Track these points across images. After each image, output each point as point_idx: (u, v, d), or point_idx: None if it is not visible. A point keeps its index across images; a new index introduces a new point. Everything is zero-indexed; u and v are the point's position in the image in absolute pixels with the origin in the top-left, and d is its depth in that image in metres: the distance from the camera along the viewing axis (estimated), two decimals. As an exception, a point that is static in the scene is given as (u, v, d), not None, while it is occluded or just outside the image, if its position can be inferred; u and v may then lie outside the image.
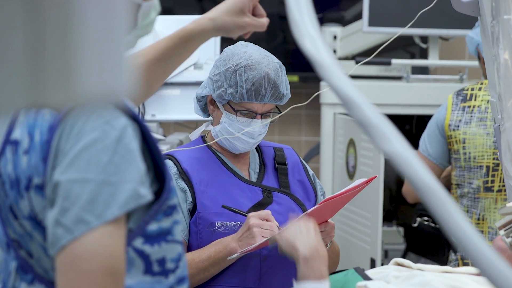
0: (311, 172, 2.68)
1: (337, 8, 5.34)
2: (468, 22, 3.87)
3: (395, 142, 1.08)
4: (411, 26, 4.40)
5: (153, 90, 1.95)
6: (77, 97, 0.48)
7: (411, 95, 4.36)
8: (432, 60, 4.61)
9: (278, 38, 5.11)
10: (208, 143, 2.61)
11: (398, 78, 4.71)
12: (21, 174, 1.40)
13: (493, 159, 3.37)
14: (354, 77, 4.42)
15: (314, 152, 5.00)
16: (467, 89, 3.47)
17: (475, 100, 3.42)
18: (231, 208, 2.48)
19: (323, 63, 1.13)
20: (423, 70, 4.94)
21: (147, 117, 3.53)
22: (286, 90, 2.58)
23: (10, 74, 0.47)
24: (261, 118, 2.55)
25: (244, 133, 2.53)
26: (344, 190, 2.41)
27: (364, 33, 4.54)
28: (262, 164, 2.63)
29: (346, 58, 4.83)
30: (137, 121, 1.43)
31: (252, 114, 2.53)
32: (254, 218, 2.40)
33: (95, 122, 1.37)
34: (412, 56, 5.19)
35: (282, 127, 5.57)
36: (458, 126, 3.41)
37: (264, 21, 1.95)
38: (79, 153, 1.36)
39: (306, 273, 2.03)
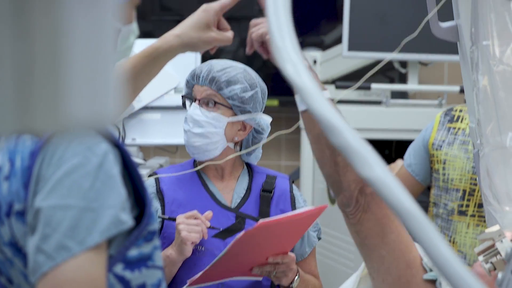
0: (300, 204, 2.63)
1: (316, 33, 5.36)
2: (447, 47, 3.89)
3: (376, 167, 1.09)
4: (389, 51, 4.43)
5: (123, 109, 1.96)
6: (65, 123, 0.48)
7: (391, 120, 4.38)
8: (411, 85, 4.64)
9: (258, 62, 5.12)
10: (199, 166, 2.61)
11: (378, 102, 4.73)
12: (1, 200, 1.40)
13: (470, 184, 3.38)
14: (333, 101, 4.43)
15: (294, 177, 5.00)
16: (456, 110, 3.49)
17: (461, 122, 3.44)
18: (163, 217, 2.47)
19: (305, 88, 1.13)
20: (403, 95, 4.97)
21: (128, 141, 3.53)
22: (224, 77, 2.55)
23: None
24: (199, 104, 2.53)
25: (185, 121, 2.54)
26: (283, 216, 2.36)
27: (344, 58, 4.56)
28: (249, 189, 2.61)
29: (326, 82, 4.85)
30: (118, 146, 1.43)
31: (194, 100, 2.55)
32: (179, 218, 2.40)
33: (76, 148, 1.37)
34: (392, 81, 5.22)
35: (262, 151, 5.57)
36: (441, 146, 3.43)
37: (229, 34, 1.97)
38: (60, 179, 1.35)
39: None
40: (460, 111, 3.48)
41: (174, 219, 2.45)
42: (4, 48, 0.48)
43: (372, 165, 1.08)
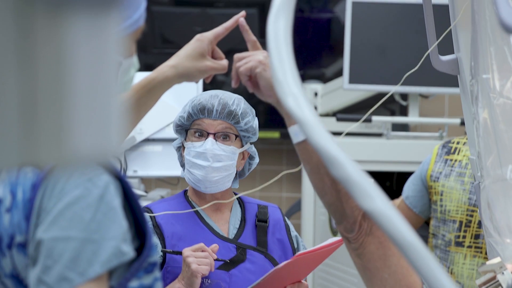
0: (294, 233, 2.65)
1: (317, 65, 5.39)
2: (448, 80, 3.91)
3: (377, 199, 1.09)
4: (390, 84, 4.44)
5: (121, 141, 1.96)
6: (69, 156, 0.48)
7: (392, 152, 4.39)
8: (412, 118, 4.65)
9: (259, 95, 5.12)
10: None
11: (379, 135, 4.74)
12: (3, 232, 1.40)
13: (467, 215, 3.42)
14: (334, 133, 4.44)
15: (295, 209, 5.00)
16: (453, 142, 3.53)
17: (457, 154, 3.48)
18: (167, 251, 2.46)
19: (306, 121, 1.14)
20: (403, 127, 4.98)
21: (129, 173, 3.53)
22: (239, 109, 2.56)
23: (2, 132, 0.47)
24: (214, 138, 2.54)
25: (198, 157, 2.52)
26: (317, 247, 2.40)
27: (344, 90, 4.58)
28: (243, 220, 2.62)
29: (327, 115, 4.86)
30: (119, 178, 1.43)
31: (204, 134, 2.54)
32: (187, 251, 2.40)
33: (77, 180, 1.37)
34: (392, 113, 5.23)
35: (263, 183, 5.56)
36: (438, 178, 3.48)
37: (224, 63, 1.97)
38: (61, 211, 1.35)
39: None
40: (457, 143, 3.51)
41: (179, 253, 2.44)
42: (8, 81, 0.49)
43: (373, 198, 1.09)
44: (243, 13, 2.01)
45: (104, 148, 0.50)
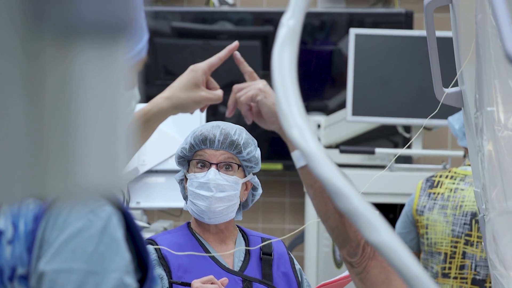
0: (298, 266, 2.65)
1: (320, 97, 5.39)
2: (451, 112, 3.91)
3: (383, 232, 1.08)
4: (393, 116, 4.45)
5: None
6: (76, 189, 0.48)
7: (395, 184, 4.38)
8: (416, 150, 4.65)
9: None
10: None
11: (382, 167, 4.73)
12: (4, 264, 1.39)
13: (451, 246, 3.48)
14: (337, 165, 4.43)
15: (298, 241, 4.98)
16: (436, 176, 3.62)
17: (440, 187, 3.57)
18: (176, 282, 2.45)
19: (311, 153, 1.13)
20: (407, 159, 4.97)
21: (132, 204, 3.52)
22: (241, 139, 2.55)
23: (9, 164, 0.47)
24: (217, 168, 2.53)
25: (201, 187, 2.52)
26: (338, 278, 2.41)
27: (348, 122, 4.58)
28: (248, 252, 2.61)
29: (330, 147, 4.86)
30: (122, 209, 1.43)
31: (206, 165, 2.53)
32: (196, 283, 2.39)
33: (80, 211, 1.36)
34: (396, 146, 5.23)
35: (266, 215, 5.56)
36: (423, 212, 3.57)
37: (219, 93, 1.96)
38: (64, 242, 1.35)
39: None
40: (440, 176, 3.60)
41: (188, 284, 2.43)
42: (14, 110, 0.48)
43: (379, 230, 1.08)
44: (236, 43, 2.01)
45: (111, 180, 0.50)
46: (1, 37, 0.47)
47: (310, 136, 1.14)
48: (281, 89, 1.20)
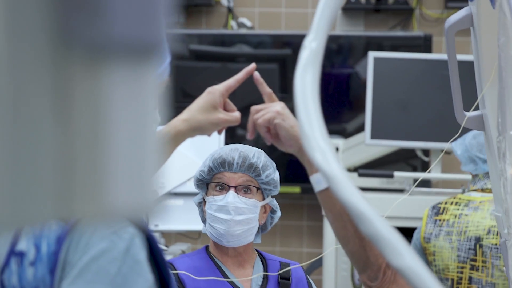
0: None
1: (338, 120, 5.39)
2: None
3: (407, 256, 1.08)
4: (412, 139, 4.43)
5: None
6: (105, 212, 0.47)
7: (414, 208, 4.36)
8: (435, 174, 4.63)
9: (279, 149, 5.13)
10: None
11: (400, 190, 4.71)
12: (26, 286, 1.39)
13: (457, 272, 3.48)
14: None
15: (316, 264, 4.96)
16: (442, 203, 3.63)
17: (445, 214, 3.58)
18: None
19: (334, 176, 1.13)
20: (425, 183, 4.95)
21: (150, 227, 3.52)
22: (259, 162, 2.55)
23: (38, 185, 0.47)
24: (236, 191, 2.52)
25: (220, 210, 2.51)
26: None
27: (366, 146, 4.56)
28: (266, 277, 2.60)
29: (348, 170, 4.84)
30: (144, 230, 1.42)
31: (225, 188, 2.53)
32: None
33: (103, 233, 1.36)
34: (414, 169, 5.21)
35: (284, 238, 5.54)
36: (430, 239, 3.58)
37: (237, 115, 1.95)
38: (87, 264, 1.34)
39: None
40: (445, 203, 3.61)
41: None
42: (44, 132, 0.48)
43: (403, 254, 1.08)
44: (253, 65, 2.01)
45: (140, 202, 0.49)
46: (31, 56, 0.47)
47: (333, 159, 1.14)
48: (304, 112, 1.19)
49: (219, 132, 1.99)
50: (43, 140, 0.48)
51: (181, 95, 5.29)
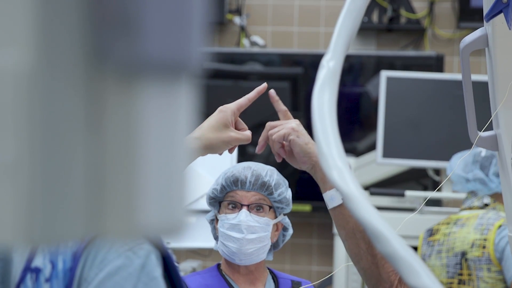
0: None
1: (350, 139, 5.39)
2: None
3: (424, 276, 1.08)
4: (423, 158, 4.43)
5: None
6: (137, 229, 0.48)
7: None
8: (446, 193, 4.62)
9: (290, 167, 5.14)
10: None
11: (411, 209, 4.71)
12: (42, 303, 1.39)
13: None
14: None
15: (326, 283, 4.95)
16: (436, 225, 3.74)
17: (437, 234, 3.66)
18: None
19: (351, 195, 1.13)
20: (436, 202, 4.94)
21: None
22: (272, 180, 2.55)
23: (70, 203, 0.47)
24: (248, 210, 2.52)
25: (232, 229, 2.51)
26: None
27: (377, 165, 4.56)
28: (277, 295, 2.60)
29: (359, 189, 4.84)
30: (160, 247, 1.43)
31: (238, 206, 2.53)
32: None
33: (118, 249, 1.37)
34: (425, 188, 5.20)
35: (293, 256, 5.53)
36: (424, 260, 3.67)
37: (248, 133, 1.95)
38: (102, 281, 1.35)
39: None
40: (439, 224, 3.71)
41: None
42: (76, 150, 0.48)
43: (419, 273, 1.08)
44: (265, 85, 2.01)
45: (173, 221, 0.50)
46: (64, 75, 0.48)
47: (350, 178, 1.14)
48: (321, 130, 1.20)
49: (230, 151, 1.98)
50: (75, 157, 0.48)
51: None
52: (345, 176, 1.15)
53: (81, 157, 0.48)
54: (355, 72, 5.38)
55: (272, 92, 2.01)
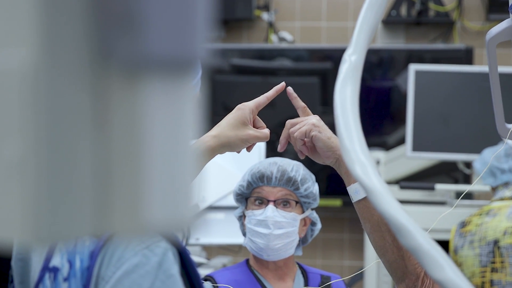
0: None
1: (380, 133, 5.37)
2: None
3: (448, 269, 1.07)
4: (453, 151, 4.41)
5: None
6: (143, 226, 0.48)
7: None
8: (477, 186, 4.59)
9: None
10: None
11: (442, 203, 4.68)
12: (60, 302, 1.40)
13: (480, 277, 3.53)
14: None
15: (357, 278, 4.94)
16: (468, 217, 3.73)
17: (469, 225, 3.65)
18: None
19: (374, 189, 1.13)
20: (467, 195, 4.91)
21: (192, 240, 3.53)
22: (298, 175, 2.54)
23: (76, 201, 0.47)
24: (275, 205, 2.52)
25: (259, 225, 2.51)
26: None
27: (407, 158, 4.54)
28: (306, 290, 2.60)
29: (389, 183, 4.83)
30: (177, 245, 1.43)
31: (264, 202, 2.53)
32: None
33: (135, 247, 1.37)
34: (456, 182, 5.17)
35: (325, 251, 5.53)
36: (456, 251, 3.65)
37: (266, 131, 1.95)
38: (120, 279, 1.35)
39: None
40: (470, 216, 3.71)
41: None
42: (82, 147, 0.49)
43: (444, 267, 1.07)
44: (283, 84, 2.00)
45: (178, 217, 0.50)
46: (69, 73, 0.48)
47: (373, 172, 1.14)
48: (343, 125, 1.19)
49: (248, 149, 1.98)
50: (81, 154, 0.49)
51: (222, 109, 5.31)
52: (368, 170, 1.14)
53: (87, 154, 0.48)
54: (385, 66, 5.36)
55: (289, 89, 2.01)
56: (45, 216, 0.46)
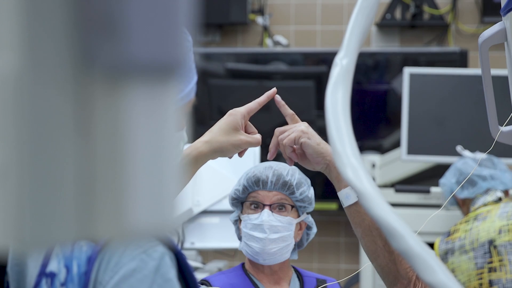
0: None
1: (375, 137, 5.38)
2: (508, 151, 3.87)
3: (439, 272, 1.07)
4: (448, 155, 4.41)
5: None
6: (127, 231, 0.48)
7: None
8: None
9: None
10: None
11: (437, 206, 4.68)
12: (58, 307, 1.40)
13: (477, 279, 3.50)
14: (393, 205, 4.40)
15: (353, 281, 4.94)
16: (453, 226, 3.70)
17: (456, 233, 3.63)
18: None
19: (365, 192, 1.13)
20: (461, 198, 4.92)
21: (187, 245, 3.53)
22: (293, 180, 2.55)
23: (60, 206, 0.48)
24: (270, 209, 2.53)
25: (255, 229, 2.51)
26: None
27: (403, 162, 4.55)
28: (302, 294, 2.60)
29: (385, 186, 4.83)
30: (174, 249, 1.43)
31: (260, 206, 2.53)
32: None
33: (132, 252, 1.37)
34: (451, 185, 5.17)
35: (321, 255, 5.53)
36: (446, 258, 3.61)
37: (258, 137, 1.95)
38: (117, 284, 1.35)
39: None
40: (455, 225, 3.68)
41: None
42: (65, 152, 0.49)
43: (435, 270, 1.07)
44: (274, 89, 2.01)
45: (161, 221, 0.50)
46: (52, 79, 0.48)
47: (364, 175, 1.14)
48: (335, 128, 1.20)
49: (240, 155, 1.98)
50: (64, 160, 0.49)
51: (218, 113, 5.31)
52: (360, 173, 1.15)
53: (70, 160, 0.49)
54: (380, 69, 5.37)
55: (277, 97, 2.01)
56: (28, 222, 0.46)
